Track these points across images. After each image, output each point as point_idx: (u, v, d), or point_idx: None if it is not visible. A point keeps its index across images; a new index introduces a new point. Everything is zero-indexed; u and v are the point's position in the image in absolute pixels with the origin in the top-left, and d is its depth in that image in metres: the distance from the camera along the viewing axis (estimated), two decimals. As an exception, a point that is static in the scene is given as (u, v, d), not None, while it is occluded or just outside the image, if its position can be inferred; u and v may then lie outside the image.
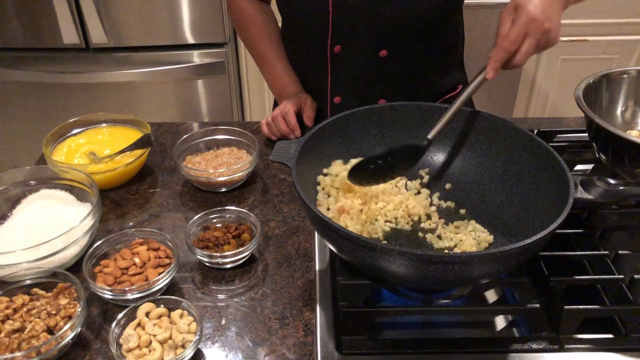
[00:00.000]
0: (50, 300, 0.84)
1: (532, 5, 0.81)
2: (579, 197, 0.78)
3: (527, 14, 0.81)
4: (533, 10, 0.81)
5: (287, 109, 1.21)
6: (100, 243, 0.92)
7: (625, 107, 1.10)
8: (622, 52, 2.27)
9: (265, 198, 1.10)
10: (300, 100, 1.25)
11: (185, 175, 1.10)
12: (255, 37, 1.31)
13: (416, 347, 0.78)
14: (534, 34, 0.82)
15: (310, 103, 1.25)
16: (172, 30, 2.07)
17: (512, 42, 0.83)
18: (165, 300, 0.83)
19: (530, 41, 0.83)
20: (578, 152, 1.12)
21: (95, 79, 2.13)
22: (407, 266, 0.70)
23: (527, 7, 0.82)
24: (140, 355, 0.76)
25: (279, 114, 1.22)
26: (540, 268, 0.84)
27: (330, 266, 0.91)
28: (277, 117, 1.21)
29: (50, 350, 0.76)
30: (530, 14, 0.81)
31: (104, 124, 1.22)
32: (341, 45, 1.16)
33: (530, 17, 0.81)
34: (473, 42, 1.33)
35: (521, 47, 0.83)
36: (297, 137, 1.21)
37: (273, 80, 1.32)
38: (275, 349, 0.81)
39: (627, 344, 0.78)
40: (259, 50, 1.31)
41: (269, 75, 1.33)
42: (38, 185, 1.05)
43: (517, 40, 0.83)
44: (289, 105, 1.22)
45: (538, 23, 0.81)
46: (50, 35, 2.04)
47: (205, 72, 2.16)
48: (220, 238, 0.95)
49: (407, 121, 0.98)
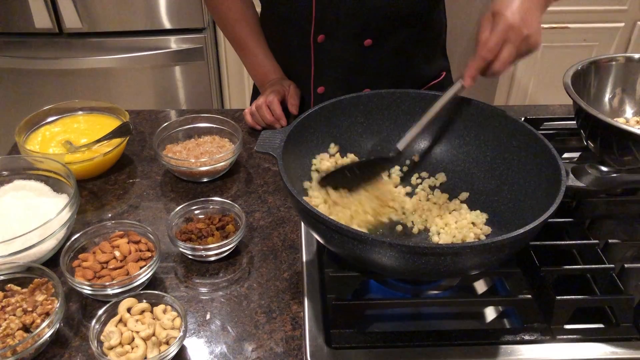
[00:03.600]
0: (26, 296, 0.80)
1: (510, 12, 0.80)
2: (570, 185, 0.77)
3: (505, 21, 0.80)
4: (511, 18, 0.79)
5: (271, 98, 1.18)
6: (78, 236, 0.89)
7: (613, 94, 1.10)
8: (602, 39, 2.27)
9: (249, 188, 1.07)
10: (284, 87, 1.22)
11: (166, 164, 1.07)
12: (233, 23, 1.27)
13: (406, 340, 0.77)
14: (512, 41, 0.80)
15: (294, 90, 1.22)
16: (148, 15, 2.02)
17: (489, 50, 0.81)
18: (148, 295, 0.80)
19: (509, 48, 0.81)
20: (565, 139, 1.12)
21: (68, 65, 2.07)
22: (398, 258, 0.69)
23: (505, 14, 0.80)
24: (123, 352, 0.73)
25: (263, 103, 1.19)
26: (531, 258, 0.83)
27: (317, 258, 0.89)
28: (262, 107, 1.19)
29: (27, 349, 0.73)
30: (509, 21, 0.80)
31: (80, 111, 1.18)
32: (325, 34, 1.13)
33: (508, 24, 0.80)
34: (454, 28, 1.32)
35: (500, 55, 0.81)
36: (283, 126, 1.18)
37: (254, 68, 1.29)
38: (262, 344, 0.78)
39: (618, 334, 0.77)
40: (237, 36, 1.27)
41: (250, 62, 1.29)
42: (11, 176, 1.01)
43: (495, 48, 0.81)
44: (273, 94, 1.19)
45: (517, 30, 0.80)
46: (21, 19, 1.97)
47: (183, 58, 2.12)
48: (204, 230, 0.92)
49: (393, 109, 0.96)
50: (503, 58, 0.81)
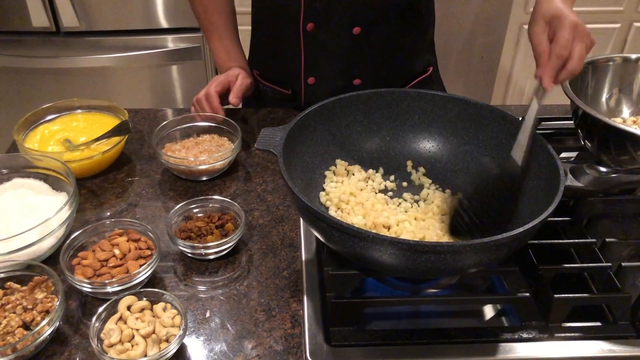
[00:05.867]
0: (25, 294, 0.80)
1: (569, 12, 0.82)
2: (569, 185, 0.77)
3: (570, 20, 0.81)
4: (572, 17, 0.81)
5: (210, 90, 1.18)
6: (78, 234, 0.88)
7: (610, 94, 1.10)
8: (599, 40, 2.26)
9: (248, 187, 1.08)
10: (229, 78, 1.21)
11: (165, 163, 1.07)
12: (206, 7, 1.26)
13: (406, 338, 0.77)
14: (580, 36, 0.82)
15: (240, 81, 1.20)
16: (146, 14, 2.02)
17: (563, 46, 0.81)
18: (147, 293, 0.80)
19: (580, 44, 0.82)
20: (562, 139, 1.12)
21: (66, 64, 2.06)
22: (398, 256, 0.69)
23: (566, 15, 0.81)
24: (123, 350, 0.73)
25: (203, 95, 1.18)
26: (529, 257, 0.83)
27: (316, 256, 0.89)
28: (201, 99, 1.18)
29: (27, 347, 0.73)
30: (573, 20, 0.81)
31: (79, 110, 1.18)
32: (314, 23, 1.14)
33: (574, 22, 0.81)
34: (439, 26, 1.33)
35: (573, 51, 0.82)
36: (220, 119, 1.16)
37: (216, 54, 1.29)
38: (262, 342, 0.79)
39: (615, 332, 0.78)
40: (209, 20, 1.27)
41: (215, 47, 1.29)
42: (10, 174, 1.00)
43: (568, 44, 0.81)
44: (213, 85, 1.18)
45: (581, 27, 0.82)
46: (18, 17, 1.96)
47: (180, 58, 2.12)
48: (203, 228, 0.92)
49: (393, 108, 0.97)
50: (578, 55, 0.82)
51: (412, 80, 1.28)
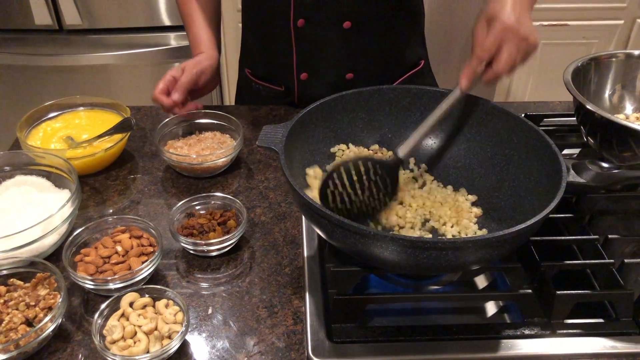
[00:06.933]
0: (28, 291, 0.80)
1: (506, 15, 0.81)
2: (571, 181, 0.77)
3: (502, 23, 0.81)
4: (507, 19, 0.81)
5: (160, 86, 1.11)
6: (80, 231, 0.89)
7: (613, 90, 1.10)
8: (601, 37, 2.28)
9: (250, 184, 1.08)
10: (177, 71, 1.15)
11: (167, 160, 1.07)
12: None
13: (407, 334, 0.77)
14: (511, 40, 0.81)
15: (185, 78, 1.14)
16: (148, 12, 2.02)
17: (485, 49, 0.82)
18: (150, 290, 0.80)
19: (508, 48, 0.82)
20: (565, 135, 1.12)
21: (68, 61, 2.06)
22: (400, 252, 0.69)
23: (500, 17, 0.81)
24: (125, 346, 0.74)
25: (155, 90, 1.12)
26: (531, 253, 0.83)
27: (318, 253, 0.89)
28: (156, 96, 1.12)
29: (29, 343, 0.73)
30: (505, 23, 0.81)
31: (81, 107, 1.18)
32: (304, 18, 1.14)
33: (505, 26, 0.81)
34: (441, 23, 1.33)
35: (500, 55, 0.82)
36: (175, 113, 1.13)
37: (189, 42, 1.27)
38: (264, 338, 0.79)
39: (618, 328, 0.78)
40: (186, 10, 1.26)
41: (188, 35, 1.27)
42: (13, 171, 1.01)
43: (491, 48, 0.82)
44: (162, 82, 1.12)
45: (514, 31, 0.81)
46: (21, 15, 1.97)
47: (182, 55, 2.11)
48: (205, 225, 0.92)
49: (394, 105, 0.97)
50: (504, 58, 0.82)
51: (404, 74, 1.27)
